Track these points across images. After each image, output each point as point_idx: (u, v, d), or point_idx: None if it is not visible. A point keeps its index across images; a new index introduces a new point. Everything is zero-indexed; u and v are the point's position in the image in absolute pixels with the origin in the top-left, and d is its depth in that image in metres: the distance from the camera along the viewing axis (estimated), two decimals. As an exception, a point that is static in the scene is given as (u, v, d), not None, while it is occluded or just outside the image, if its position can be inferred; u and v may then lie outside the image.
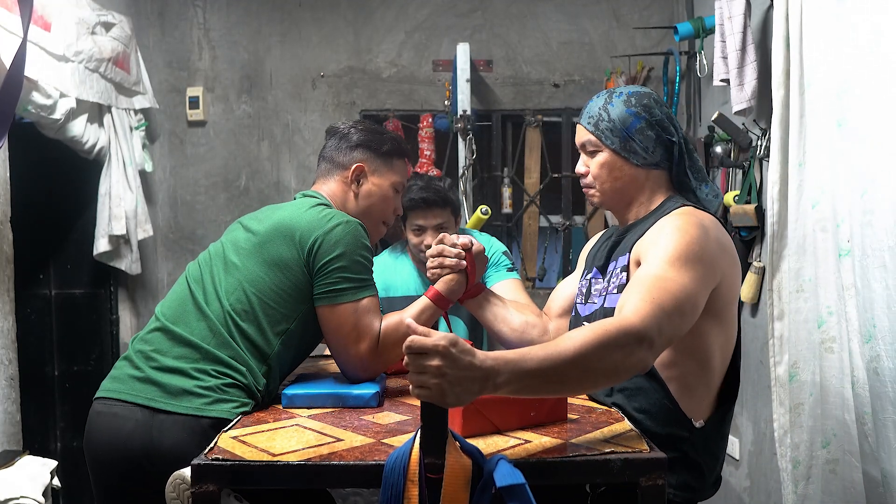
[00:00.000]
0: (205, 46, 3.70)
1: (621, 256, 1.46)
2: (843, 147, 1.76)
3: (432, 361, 0.99)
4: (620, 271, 1.43)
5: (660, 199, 1.49)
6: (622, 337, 1.14)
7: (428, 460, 1.03)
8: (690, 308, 1.26)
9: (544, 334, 1.69)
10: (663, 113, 1.46)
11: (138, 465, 1.39)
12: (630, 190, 1.50)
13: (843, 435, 1.82)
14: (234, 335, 1.48)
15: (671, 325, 1.21)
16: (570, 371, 1.09)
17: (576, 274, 1.73)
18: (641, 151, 1.46)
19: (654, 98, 1.48)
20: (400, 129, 3.68)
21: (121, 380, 1.48)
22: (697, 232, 1.32)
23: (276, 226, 1.55)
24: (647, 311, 1.18)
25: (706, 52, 3.00)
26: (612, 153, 1.48)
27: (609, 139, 1.47)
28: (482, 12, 3.70)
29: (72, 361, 3.15)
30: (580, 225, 3.85)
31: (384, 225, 1.77)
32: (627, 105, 1.46)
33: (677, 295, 1.23)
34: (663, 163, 1.48)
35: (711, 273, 1.32)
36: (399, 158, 1.76)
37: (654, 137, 1.46)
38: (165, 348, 1.48)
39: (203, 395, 1.41)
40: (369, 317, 1.53)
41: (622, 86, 1.52)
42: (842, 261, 1.75)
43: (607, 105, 1.48)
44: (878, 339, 1.56)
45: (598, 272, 1.54)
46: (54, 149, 2.80)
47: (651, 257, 1.31)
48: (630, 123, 1.45)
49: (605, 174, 1.49)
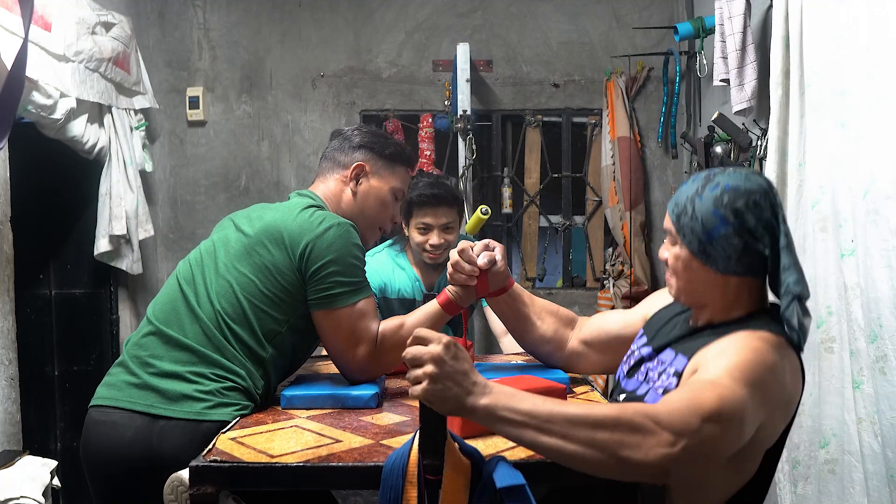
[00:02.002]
0: (205, 46, 3.70)
1: (681, 356, 1.26)
2: (845, 147, 1.76)
3: (432, 349, 0.99)
4: (673, 375, 1.24)
5: (742, 310, 1.27)
6: (642, 421, 0.98)
7: (427, 461, 1.03)
8: (736, 422, 1.05)
9: (556, 352, 1.61)
10: (763, 219, 1.22)
11: (138, 473, 1.37)
12: (707, 294, 1.29)
13: (842, 435, 1.82)
14: (228, 338, 1.46)
15: (705, 430, 1.00)
16: (570, 432, 0.97)
17: (630, 317, 1.54)
18: (722, 259, 1.24)
19: (755, 199, 1.22)
20: (400, 129, 3.68)
21: (117, 387, 1.46)
22: (772, 360, 1.14)
23: (267, 229, 1.54)
24: (681, 407, 1.01)
25: (706, 52, 3.00)
26: (689, 252, 1.26)
27: (687, 237, 1.25)
28: (482, 12, 3.70)
29: (72, 361, 3.14)
30: (580, 225, 3.85)
31: (380, 230, 1.74)
32: (717, 205, 1.22)
33: (725, 401, 1.03)
34: (754, 273, 1.26)
35: (764, 405, 1.11)
36: (402, 165, 1.74)
37: (741, 247, 1.22)
38: (161, 353, 1.47)
39: (203, 399, 1.40)
40: (366, 320, 1.52)
41: (724, 171, 1.28)
42: (844, 261, 1.74)
43: (696, 197, 1.25)
44: (886, 338, 1.56)
45: (653, 352, 1.35)
46: (54, 149, 2.80)
47: (711, 366, 1.12)
48: (713, 227, 1.22)
49: (681, 270, 1.29)
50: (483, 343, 3.49)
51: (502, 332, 2.37)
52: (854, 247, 1.71)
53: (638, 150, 3.61)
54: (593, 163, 3.76)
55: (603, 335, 1.56)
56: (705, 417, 1.00)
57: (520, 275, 3.84)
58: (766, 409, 1.12)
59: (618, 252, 3.63)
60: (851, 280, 1.72)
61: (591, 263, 3.79)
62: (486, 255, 1.55)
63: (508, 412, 0.98)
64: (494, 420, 0.99)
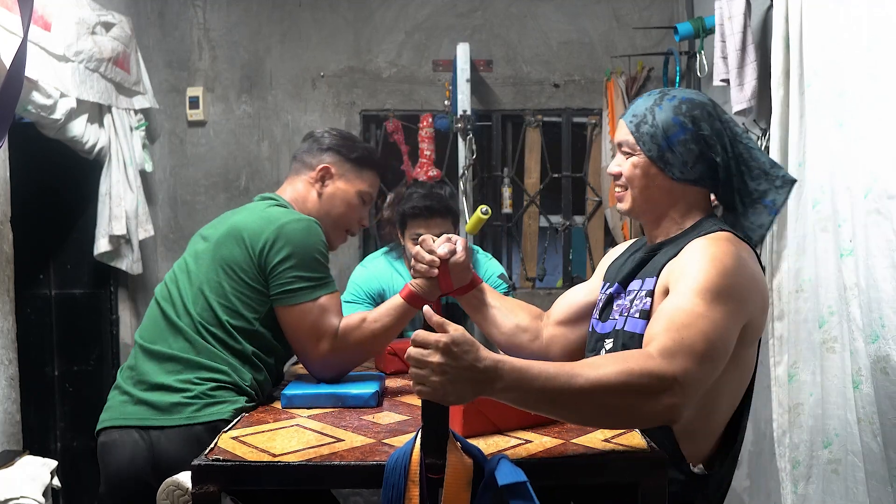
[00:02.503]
0: (205, 46, 3.70)
1: (648, 278, 1.33)
2: (845, 147, 1.76)
3: (433, 357, 0.98)
4: (645, 295, 1.31)
5: (694, 219, 1.36)
6: (649, 382, 1.04)
7: (429, 460, 1.03)
8: (723, 351, 1.16)
9: (535, 340, 1.63)
10: (714, 129, 1.32)
11: (147, 484, 1.40)
12: (662, 203, 1.37)
13: (845, 435, 1.82)
14: (208, 341, 1.50)
15: (703, 371, 1.10)
16: (583, 402, 1.03)
17: (591, 283, 1.62)
18: (679, 165, 1.32)
19: (708, 110, 1.33)
20: (400, 129, 3.68)
21: (113, 408, 1.52)
22: (733, 263, 1.21)
23: (229, 231, 1.57)
24: (677, 355, 1.08)
25: (706, 52, 3.00)
26: (647, 160, 1.34)
27: (647, 145, 1.33)
28: (482, 12, 3.70)
29: (72, 361, 3.14)
30: (580, 225, 3.85)
31: (347, 233, 1.76)
32: (676, 112, 1.32)
33: (710, 337, 1.12)
34: (704, 181, 1.34)
35: (743, 310, 1.21)
36: (370, 169, 1.75)
37: (697, 153, 1.31)
38: (149, 369, 1.50)
39: (191, 403, 1.43)
40: (328, 315, 1.53)
41: (681, 89, 1.37)
42: (843, 261, 1.75)
43: (655, 107, 1.34)
44: (888, 338, 1.56)
45: (620, 287, 1.42)
46: (54, 149, 2.80)
47: (682, 287, 1.19)
48: (673, 133, 1.31)
49: (637, 179, 1.35)
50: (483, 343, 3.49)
51: None
52: (853, 247, 1.71)
53: (638, 150, 3.61)
54: (593, 163, 3.76)
55: (573, 308, 1.61)
56: (698, 359, 1.09)
57: (520, 275, 3.84)
58: (745, 311, 1.21)
59: (618, 252, 3.63)
60: (850, 280, 1.72)
61: (591, 263, 3.79)
62: (445, 245, 1.57)
63: (520, 394, 1.02)
64: (511, 402, 1.04)
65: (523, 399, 1.03)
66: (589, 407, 1.04)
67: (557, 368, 1.03)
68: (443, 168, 3.68)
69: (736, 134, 1.35)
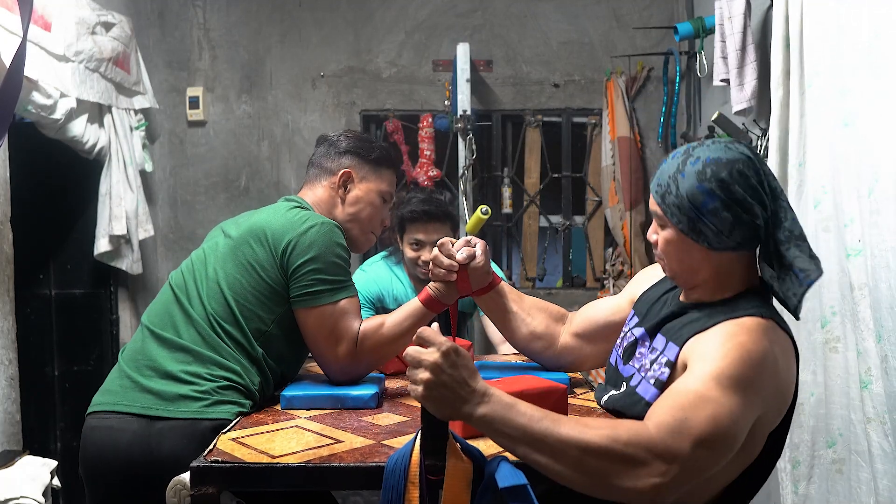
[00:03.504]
0: (205, 46, 3.70)
1: (672, 343, 1.22)
2: (848, 147, 1.76)
3: (431, 356, 0.99)
4: (665, 365, 1.21)
5: (734, 290, 1.23)
6: (634, 452, 0.98)
7: (428, 462, 1.03)
8: (730, 442, 1.05)
9: (548, 348, 1.59)
10: (750, 187, 1.16)
11: (137, 476, 1.37)
12: (700, 273, 1.24)
13: (849, 435, 1.81)
14: (221, 337, 1.48)
15: (699, 457, 1.01)
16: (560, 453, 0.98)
17: (618, 302, 1.52)
18: (713, 235, 1.18)
19: (738, 168, 1.16)
20: (400, 129, 3.68)
21: (113, 392, 1.46)
22: (759, 354, 1.10)
23: (252, 229, 1.56)
24: (674, 433, 1.00)
25: (706, 52, 3.00)
26: (679, 233, 1.21)
27: (676, 217, 1.19)
28: (482, 12, 3.70)
29: (72, 361, 3.14)
30: (580, 225, 3.85)
31: (372, 234, 1.75)
32: (700, 179, 1.16)
33: (718, 423, 1.02)
34: (746, 245, 1.21)
35: (759, 404, 1.10)
36: (388, 168, 1.75)
37: (732, 220, 1.16)
38: (157, 355, 1.47)
39: (200, 398, 1.41)
40: (347, 319, 1.52)
41: (702, 144, 1.21)
42: (850, 261, 1.74)
43: (678, 175, 1.19)
44: (886, 339, 1.56)
45: (647, 335, 1.31)
46: (54, 149, 2.80)
47: (698, 369, 1.10)
48: (701, 203, 1.16)
49: (672, 253, 1.24)
50: (483, 343, 3.49)
51: (500, 341, 2.36)
52: (861, 246, 1.70)
53: (638, 150, 3.61)
54: (593, 163, 3.75)
55: (593, 324, 1.55)
56: (697, 442, 1.00)
57: (520, 275, 3.84)
58: (760, 405, 1.10)
59: (618, 252, 3.63)
60: (859, 280, 1.71)
61: (591, 263, 3.79)
62: (465, 249, 1.54)
63: (503, 425, 1.00)
64: (489, 430, 1.01)
65: (503, 432, 1.00)
66: (565, 460, 0.99)
67: (545, 413, 1.00)
68: (443, 168, 3.68)
69: (774, 189, 1.20)
